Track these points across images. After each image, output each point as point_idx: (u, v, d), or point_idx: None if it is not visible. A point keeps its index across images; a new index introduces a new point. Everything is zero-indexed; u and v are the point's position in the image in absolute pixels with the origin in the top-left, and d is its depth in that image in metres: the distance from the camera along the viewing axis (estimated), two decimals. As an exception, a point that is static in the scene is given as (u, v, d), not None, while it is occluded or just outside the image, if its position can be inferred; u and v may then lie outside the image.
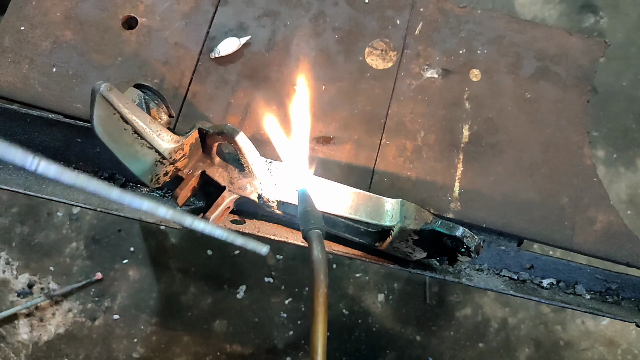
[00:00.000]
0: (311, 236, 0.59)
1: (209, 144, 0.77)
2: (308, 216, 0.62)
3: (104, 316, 1.56)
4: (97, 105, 0.64)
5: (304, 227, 0.61)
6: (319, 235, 0.59)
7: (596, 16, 1.97)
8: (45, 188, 0.83)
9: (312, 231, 0.59)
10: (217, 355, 1.55)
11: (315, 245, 0.57)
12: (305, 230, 0.60)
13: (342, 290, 1.63)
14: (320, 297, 0.55)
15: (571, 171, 0.92)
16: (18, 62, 0.90)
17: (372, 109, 0.93)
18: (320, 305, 0.54)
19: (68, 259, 1.60)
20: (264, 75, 0.94)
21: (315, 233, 0.59)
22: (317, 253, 0.57)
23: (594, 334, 1.66)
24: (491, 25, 0.99)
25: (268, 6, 0.97)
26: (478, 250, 0.73)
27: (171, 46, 0.93)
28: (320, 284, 0.55)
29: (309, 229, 0.60)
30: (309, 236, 0.59)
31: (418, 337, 1.61)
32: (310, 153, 0.81)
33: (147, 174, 0.73)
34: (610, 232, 0.89)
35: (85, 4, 0.94)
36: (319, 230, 0.59)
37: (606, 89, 1.87)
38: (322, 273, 0.55)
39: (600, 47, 0.99)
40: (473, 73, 0.96)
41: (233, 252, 1.64)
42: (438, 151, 0.91)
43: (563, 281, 0.90)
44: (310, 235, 0.59)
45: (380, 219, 0.74)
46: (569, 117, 0.95)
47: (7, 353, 1.52)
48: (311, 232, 0.59)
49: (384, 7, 0.99)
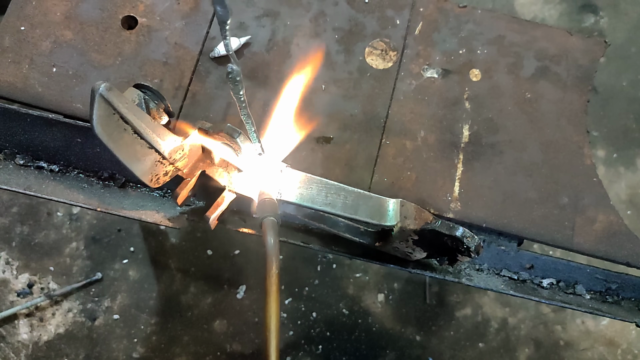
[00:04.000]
0: (266, 223, 0.65)
1: (209, 144, 0.77)
2: (265, 206, 0.67)
3: (104, 316, 1.56)
4: (97, 105, 0.64)
5: (259, 215, 0.66)
6: (273, 222, 0.65)
7: (596, 16, 1.97)
8: (45, 188, 0.83)
9: (267, 218, 0.65)
10: (217, 355, 1.55)
11: (269, 232, 0.64)
12: (260, 217, 0.66)
13: (342, 290, 1.63)
14: (272, 278, 0.61)
15: (571, 171, 0.92)
16: (18, 62, 0.90)
17: (372, 109, 0.93)
18: (272, 285, 0.61)
19: (68, 259, 1.60)
20: (264, 75, 0.94)
21: (270, 220, 0.65)
22: (269, 239, 0.63)
23: (594, 334, 1.66)
24: (491, 25, 0.99)
25: (268, 6, 0.97)
26: (478, 250, 0.73)
27: (171, 46, 0.93)
28: (272, 266, 0.61)
29: (264, 216, 0.66)
30: (264, 223, 0.65)
31: (418, 337, 1.61)
32: (309, 154, 0.81)
33: (147, 174, 0.73)
34: (610, 232, 0.89)
35: (85, 4, 0.94)
36: (273, 218, 0.65)
37: (606, 89, 1.88)
38: (274, 256, 0.62)
39: (601, 47, 0.99)
40: (473, 73, 0.96)
41: (233, 252, 1.64)
42: (438, 151, 0.91)
43: (563, 281, 0.90)
44: (265, 222, 0.65)
45: (380, 219, 0.74)
46: (569, 117, 0.95)
47: (7, 353, 1.52)
48: (266, 219, 0.65)
49: (384, 7, 0.99)
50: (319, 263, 1.65)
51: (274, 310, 0.59)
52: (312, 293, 1.62)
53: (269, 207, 0.67)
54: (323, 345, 1.58)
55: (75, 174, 0.86)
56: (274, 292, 0.60)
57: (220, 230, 0.82)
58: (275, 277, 0.61)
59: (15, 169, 0.85)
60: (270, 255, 0.62)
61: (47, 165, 0.86)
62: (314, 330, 1.59)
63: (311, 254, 1.64)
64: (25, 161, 0.85)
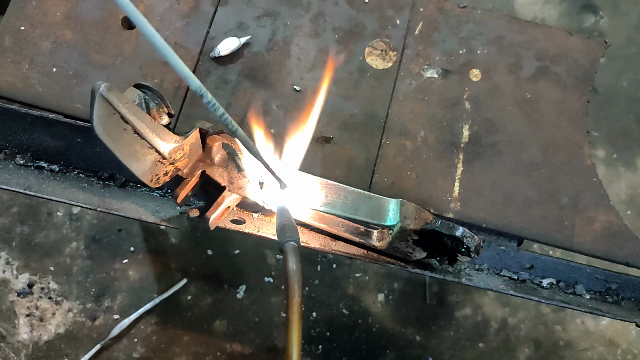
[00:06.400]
0: (287, 248, 0.62)
1: (209, 144, 0.77)
2: (284, 229, 0.65)
3: (104, 316, 1.56)
4: (97, 105, 0.64)
5: (280, 240, 0.64)
6: (294, 247, 0.62)
7: (596, 16, 1.97)
8: (45, 188, 0.83)
9: (288, 243, 0.62)
10: (217, 355, 1.55)
11: (291, 257, 0.61)
12: (281, 242, 0.63)
13: (342, 290, 1.63)
14: (294, 306, 0.58)
15: (571, 171, 0.92)
16: (18, 62, 0.90)
17: (372, 109, 0.93)
18: (295, 314, 0.58)
19: (68, 259, 1.60)
20: (264, 75, 0.94)
21: (291, 245, 0.62)
22: (292, 264, 0.60)
23: (594, 334, 1.66)
24: (491, 25, 0.99)
25: (268, 6, 0.97)
26: (478, 250, 0.73)
27: (171, 46, 0.93)
28: (295, 294, 0.59)
29: (285, 241, 0.63)
30: (285, 248, 0.62)
31: (418, 337, 1.61)
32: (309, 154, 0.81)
33: (147, 174, 0.73)
34: (610, 232, 0.89)
35: (85, 4, 0.94)
36: (294, 242, 0.63)
37: (606, 89, 1.87)
38: (296, 284, 0.59)
39: (601, 47, 0.99)
40: (473, 73, 0.96)
41: (233, 252, 1.64)
42: (438, 151, 0.91)
43: (563, 281, 0.90)
44: (285, 248, 0.62)
45: (380, 219, 0.74)
46: (569, 117, 0.95)
47: (7, 353, 1.52)
48: (287, 244, 0.62)
49: (384, 7, 0.99)
50: (319, 263, 1.65)
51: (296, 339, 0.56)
52: (312, 293, 1.62)
53: (290, 231, 0.65)
54: (323, 345, 1.58)
55: (75, 174, 0.86)
56: (297, 320, 0.57)
57: (220, 230, 0.82)
58: (298, 305, 0.58)
59: (15, 169, 0.85)
60: (292, 282, 0.59)
61: (47, 165, 0.86)
62: (314, 330, 1.59)
63: (311, 254, 1.64)
64: (25, 161, 0.85)
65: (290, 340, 0.56)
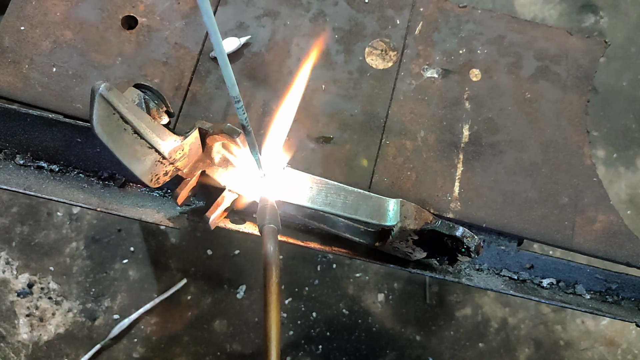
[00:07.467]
0: (265, 230, 0.64)
1: (209, 144, 0.77)
2: (264, 212, 0.67)
3: (104, 316, 1.56)
4: (96, 105, 0.64)
5: (259, 223, 0.66)
6: (274, 229, 0.64)
7: (596, 16, 1.97)
8: (45, 188, 0.83)
9: (267, 226, 0.64)
10: (217, 355, 1.55)
11: (268, 239, 0.63)
12: (260, 225, 0.65)
13: (342, 290, 1.63)
14: (272, 286, 0.60)
15: (571, 171, 0.92)
16: (18, 62, 0.90)
17: (372, 109, 0.93)
18: (272, 294, 0.59)
19: (68, 259, 1.60)
20: (264, 75, 0.94)
21: (270, 228, 0.64)
22: (269, 246, 0.62)
23: (594, 334, 1.66)
24: (491, 25, 0.99)
25: (268, 6, 0.97)
26: (478, 250, 0.73)
27: (171, 46, 0.93)
28: (272, 274, 0.60)
29: (264, 224, 0.65)
30: (264, 230, 0.64)
31: (418, 337, 1.61)
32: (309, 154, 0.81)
33: (147, 174, 0.73)
34: (610, 232, 0.89)
35: (85, 4, 0.94)
36: (273, 225, 0.65)
37: (606, 89, 1.87)
38: (273, 264, 0.61)
39: (601, 47, 0.99)
40: (473, 73, 0.96)
41: (233, 252, 1.64)
42: (438, 151, 0.91)
43: (563, 281, 0.90)
44: (264, 230, 0.64)
45: (381, 219, 0.74)
46: (569, 117, 0.95)
47: (7, 353, 1.52)
48: (266, 227, 0.64)
49: (384, 7, 0.99)
50: (319, 263, 1.65)
51: (274, 320, 0.58)
52: (312, 293, 1.62)
53: (269, 214, 0.66)
54: (323, 345, 1.58)
55: (75, 174, 0.86)
56: (274, 301, 0.59)
57: (220, 230, 0.82)
58: (275, 285, 0.60)
59: (15, 169, 0.85)
60: (269, 264, 0.61)
61: (47, 165, 0.86)
62: (314, 330, 1.59)
63: (311, 254, 1.64)
64: (25, 161, 0.85)
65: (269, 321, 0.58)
